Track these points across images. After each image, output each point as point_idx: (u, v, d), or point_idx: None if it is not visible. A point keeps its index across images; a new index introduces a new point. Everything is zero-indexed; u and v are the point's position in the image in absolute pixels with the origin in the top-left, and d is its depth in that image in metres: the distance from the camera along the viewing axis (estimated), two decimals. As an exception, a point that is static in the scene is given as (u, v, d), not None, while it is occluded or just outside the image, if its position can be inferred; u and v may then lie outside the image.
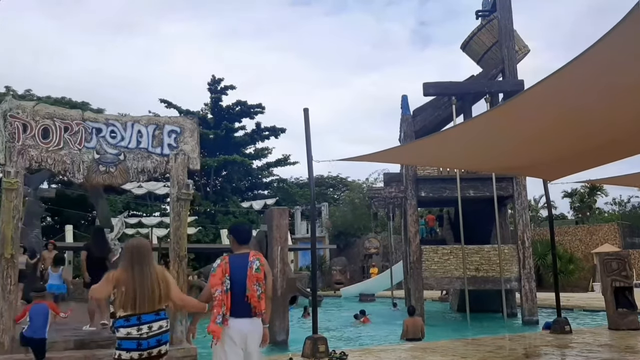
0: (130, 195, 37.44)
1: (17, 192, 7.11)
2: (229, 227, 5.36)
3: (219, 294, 4.29)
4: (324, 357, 8.11)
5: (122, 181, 7.75)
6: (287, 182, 50.34)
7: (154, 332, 3.91)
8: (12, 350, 6.62)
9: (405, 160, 12.84)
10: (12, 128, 7.16)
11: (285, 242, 11.34)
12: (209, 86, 46.76)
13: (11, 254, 6.88)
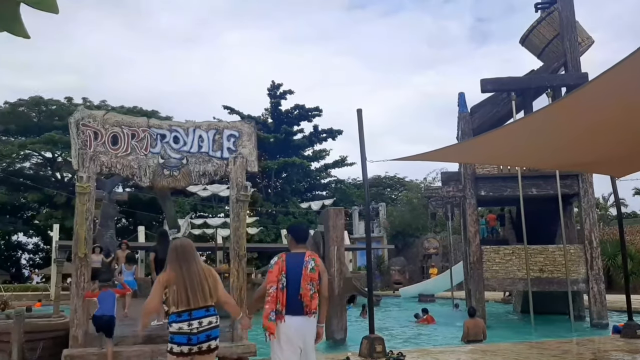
0: (196, 198, 38.77)
1: (90, 196, 7.53)
2: (288, 226, 5.53)
3: (273, 291, 4.41)
4: (381, 357, 8.12)
5: (185, 184, 8.07)
6: (344, 182, 50.72)
7: (204, 327, 4.04)
8: (86, 343, 7.01)
9: (462, 159, 12.64)
10: (84, 136, 7.59)
11: (341, 242, 11.43)
12: (268, 92, 47.99)
13: (84, 253, 7.30)
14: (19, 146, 43.72)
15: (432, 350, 9.58)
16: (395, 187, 55.53)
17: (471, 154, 9.75)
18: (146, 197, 38.25)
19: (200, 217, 37.24)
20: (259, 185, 45.50)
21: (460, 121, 16.39)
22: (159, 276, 4.35)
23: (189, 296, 4.03)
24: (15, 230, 43.89)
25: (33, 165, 47.82)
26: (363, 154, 8.89)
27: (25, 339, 8.28)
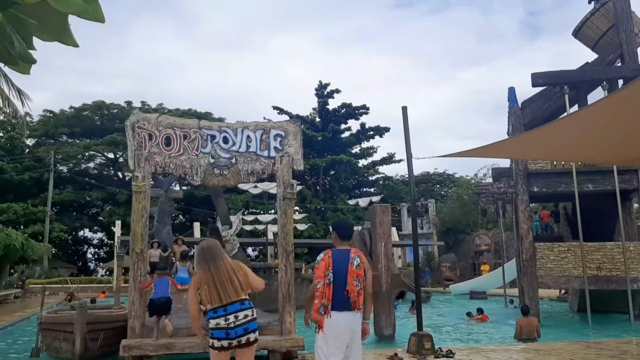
0: (248, 195, 39.63)
1: (145, 194, 7.91)
2: (332, 223, 5.62)
3: (321, 286, 4.48)
4: (429, 355, 8.09)
5: (235, 183, 8.35)
6: (392, 179, 50.56)
7: (241, 321, 4.10)
8: (143, 334, 7.40)
9: (513, 155, 12.36)
10: (139, 138, 7.99)
11: (388, 238, 11.46)
12: (316, 91, 48.41)
13: (141, 249, 7.69)
14: (83, 148, 45.97)
15: (483, 349, 9.45)
16: (445, 183, 54.81)
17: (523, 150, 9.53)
18: (201, 194, 39.40)
19: (252, 213, 38.02)
20: (308, 182, 45.95)
21: (510, 116, 16.02)
22: (191, 281, 4.51)
23: (219, 293, 4.12)
24: (81, 226, 46.05)
25: (97, 166, 50.19)
26: (409, 151, 8.90)
27: (88, 329, 8.78)
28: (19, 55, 2.81)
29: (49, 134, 47.77)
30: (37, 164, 42.72)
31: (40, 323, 9.60)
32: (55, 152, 42.52)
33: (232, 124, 8.51)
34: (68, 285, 25.75)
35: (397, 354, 8.16)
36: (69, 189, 44.31)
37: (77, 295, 20.51)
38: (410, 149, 8.85)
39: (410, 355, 8.21)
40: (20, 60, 2.90)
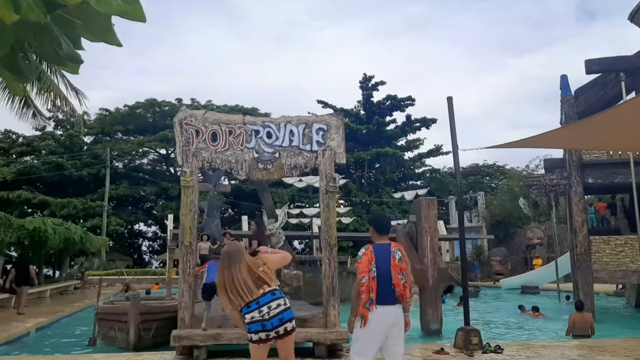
0: (294, 189, 39.97)
1: (193, 189, 8.11)
2: (369, 218, 5.61)
3: (366, 281, 4.47)
4: (477, 350, 7.96)
5: (278, 177, 8.45)
6: (439, 172, 49.78)
7: (275, 311, 4.14)
8: (192, 325, 7.58)
9: (566, 145, 11.97)
10: (187, 134, 8.19)
11: (434, 232, 11.30)
12: (360, 84, 48.15)
13: (190, 242, 7.89)
14: (137, 144, 47.53)
15: (534, 344, 9.19)
16: (494, 175, 53.38)
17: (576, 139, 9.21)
18: (248, 188, 40.04)
19: (297, 207, 38.31)
20: (353, 176, 45.85)
21: (563, 105, 15.45)
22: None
23: (241, 291, 4.18)
24: (136, 220, 47.66)
25: (150, 161, 51.78)
26: (454, 143, 8.75)
27: (141, 319, 9.12)
28: (67, 55, 2.93)
29: (105, 132, 49.54)
30: (95, 161, 44.43)
31: (97, 313, 10.05)
32: (111, 148, 44.13)
33: (276, 119, 8.59)
34: (124, 276, 26.69)
35: (443, 348, 8.06)
36: (125, 184, 45.88)
37: (133, 287, 21.24)
38: (456, 141, 8.69)
39: (457, 350, 8.09)
40: (69, 61, 3.01)
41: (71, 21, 2.82)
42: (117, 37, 2.94)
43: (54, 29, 2.78)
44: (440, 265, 11.40)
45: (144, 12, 2.78)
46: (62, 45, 2.82)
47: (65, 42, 2.85)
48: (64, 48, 2.83)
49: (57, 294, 20.34)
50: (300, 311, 8.49)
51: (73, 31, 2.89)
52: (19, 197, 39.74)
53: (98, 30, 2.93)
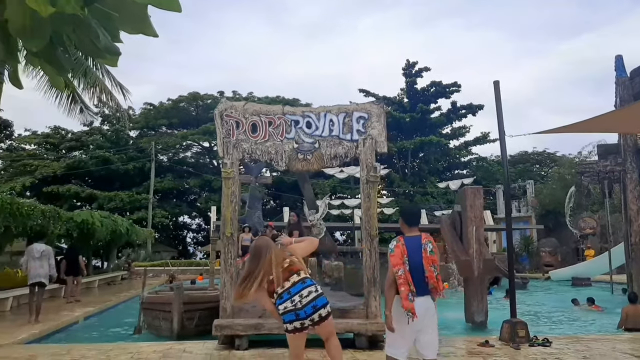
0: (335, 179, 39.90)
1: (234, 180, 8.15)
2: (399, 209, 5.54)
3: (402, 273, 4.43)
4: (523, 343, 7.76)
5: (318, 167, 8.37)
6: (486, 160, 48.53)
7: (307, 299, 4.17)
8: (234, 315, 7.65)
9: (621, 129, 11.40)
10: (227, 125, 8.22)
11: (480, 222, 11.01)
12: (403, 71, 47.30)
13: (231, 233, 7.94)
14: (181, 137, 48.40)
15: (584, 338, 8.85)
16: (545, 163, 51.63)
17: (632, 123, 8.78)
18: (290, 180, 40.22)
19: (339, 198, 38.25)
20: (396, 165, 45.33)
21: (618, 87, 14.73)
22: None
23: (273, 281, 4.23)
24: (180, 212, 48.64)
25: (193, 154, 52.69)
26: (501, 129, 8.47)
27: (185, 309, 9.29)
28: (105, 48, 2.91)
29: (150, 126, 50.59)
30: (140, 154, 45.49)
31: (142, 303, 10.30)
32: (155, 142, 45.08)
33: (315, 109, 8.51)
34: (169, 267, 27.32)
35: (488, 341, 7.88)
36: (169, 177, 46.80)
37: (178, 277, 21.71)
38: (502, 126, 8.40)
39: (503, 343, 7.90)
40: (107, 53, 3.00)
41: (108, 13, 2.80)
42: (153, 28, 2.92)
43: (91, 21, 2.76)
44: (486, 256, 11.12)
45: (179, 1, 2.74)
46: (100, 38, 2.80)
47: (103, 34, 2.83)
48: (101, 40, 2.82)
49: (105, 284, 20.98)
50: (341, 302, 8.46)
51: (110, 23, 2.87)
52: (68, 190, 41.09)
53: (134, 21, 2.91)
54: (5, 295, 12.51)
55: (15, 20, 2.47)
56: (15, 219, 11.58)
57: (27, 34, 2.48)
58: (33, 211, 12.44)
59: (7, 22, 2.51)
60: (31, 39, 2.47)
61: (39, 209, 12.94)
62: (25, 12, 2.42)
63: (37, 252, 10.84)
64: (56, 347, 8.21)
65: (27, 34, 2.48)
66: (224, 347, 7.53)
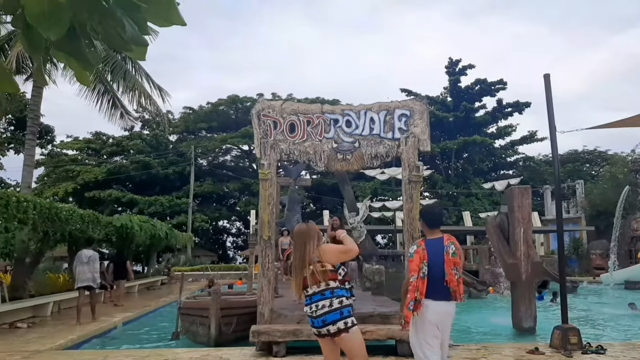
0: (377, 182, 39.50)
1: (271, 182, 7.96)
2: (420, 210, 5.28)
3: (414, 280, 4.36)
4: (576, 350, 7.36)
5: (358, 167, 8.09)
6: (534, 160, 47.09)
7: (319, 312, 4.05)
8: (272, 320, 7.45)
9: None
10: (265, 126, 8.05)
11: (528, 223, 10.49)
12: (446, 69, 46.52)
13: (268, 236, 7.75)
14: (220, 141, 48.82)
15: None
16: (595, 162, 49.43)
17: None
18: (330, 182, 40.04)
19: (380, 200, 37.81)
20: (439, 166, 44.54)
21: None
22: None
23: (300, 279, 4.16)
24: (220, 216, 49.03)
25: (233, 158, 53.09)
26: (552, 123, 8.01)
27: (222, 314, 9.14)
28: (132, 39, 2.72)
29: (190, 130, 51.24)
30: (180, 159, 46.09)
31: (180, 308, 10.19)
32: (195, 146, 45.58)
33: (355, 106, 8.23)
34: (209, 272, 27.44)
35: (538, 348, 7.47)
36: (209, 181, 47.25)
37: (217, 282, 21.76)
38: (553, 121, 7.94)
39: (554, 350, 7.48)
40: (134, 45, 2.80)
41: (136, 4, 2.61)
42: (181, 16, 2.71)
43: (117, 10, 2.56)
44: (534, 259, 10.60)
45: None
46: (126, 28, 2.60)
47: (130, 24, 2.63)
48: (127, 31, 2.63)
49: (145, 289, 21.13)
50: (382, 307, 8.17)
51: (137, 14, 2.67)
52: (109, 195, 41.84)
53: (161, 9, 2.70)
54: (46, 301, 12.62)
55: (33, 6, 2.29)
56: (54, 224, 11.66)
57: (45, 21, 2.31)
58: (72, 216, 12.52)
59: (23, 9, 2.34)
60: (49, 27, 2.30)
61: (77, 214, 13.02)
62: (43, -1, 2.23)
63: (85, 257, 11.49)
64: (92, 352, 8.24)
65: (45, 21, 2.31)
66: (262, 353, 7.33)
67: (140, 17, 2.80)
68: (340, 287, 4.14)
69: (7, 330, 10.34)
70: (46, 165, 44.92)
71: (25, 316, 11.85)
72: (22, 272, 12.67)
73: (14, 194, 9.88)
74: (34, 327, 10.79)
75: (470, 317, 13.27)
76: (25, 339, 9.15)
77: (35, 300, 12.33)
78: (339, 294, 4.09)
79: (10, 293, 11.75)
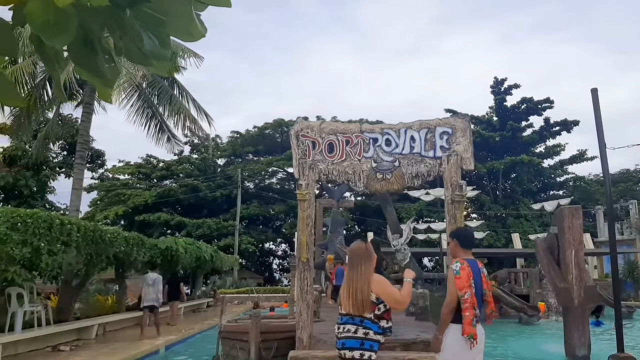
0: (422, 203, 38.85)
1: (309, 202, 7.77)
2: (451, 231, 5.11)
3: (469, 297, 4.21)
4: None
5: (399, 187, 7.81)
6: (584, 179, 45.36)
7: (342, 334, 4.04)
8: (310, 346, 7.19)
9: None
10: (303, 146, 7.93)
11: (579, 245, 9.90)
12: (491, 89, 45.90)
13: (307, 258, 7.54)
14: (266, 164, 49.41)
15: None
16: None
17: None
18: (374, 204, 39.65)
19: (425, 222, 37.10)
20: (486, 187, 43.50)
21: None
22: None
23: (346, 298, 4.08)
24: (266, 238, 49.33)
25: (278, 180, 53.53)
26: (601, 140, 7.59)
27: (262, 338, 8.92)
28: (151, 54, 2.61)
29: (237, 153, 52.06)
30: (227, 182, 46.79)
31: (220, 332, 10.00)
32: (242, 169, 46.23)
33: (395, 125, 7.99)
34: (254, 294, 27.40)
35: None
36: (255, 204, 47.68)
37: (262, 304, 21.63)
38: (603, 137, 7.52)
39: (609, 380, 6.95)
40: (154, 59, 2.70)
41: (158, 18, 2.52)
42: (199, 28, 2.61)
43: (135, 23, 2.47)
44: (587, 283, 9.97)
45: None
46: (145, 42, 2.50)
47: (149, 37, 2.53)
48: (146, 45, 2.52)
49: (191, 311, 21.19)
50: (426, 333, 7.79)
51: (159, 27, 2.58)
52: (158, 218, 42.77)
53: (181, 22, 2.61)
54: (91, 323, 12.67)
55: (36, 15, 2.20)
56: (98, 246, 11.77)
57: (49, 30, 2.22)
58: (116, 238, 12.64)
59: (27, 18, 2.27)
60: (54, 36, 2.21)
61: (122, 236, 13.15)
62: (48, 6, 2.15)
63: (151, 279, 12.81)
64: None
65: (50, 30, 2.22)
66: (302, 380, 7.07)
67: (162, 31, 2.72)
68: (373, 321, 4.02)
69: (50, 353, 10.33)
70: (99, 190, 46.42)
71: (70, 339, 11.86)
72: (68, 295, 12.85)
73: (57, 216, 9.99)
74: (77, 349, 10.75)
75: (520, 344, 12.62)
76: (65, 363, 9.03)
77: (79, 322, 12.41)
78: (367, 325, 4.01)
79: (56, 315, 11.90)
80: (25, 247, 8.78)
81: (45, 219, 9.27)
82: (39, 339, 10.58)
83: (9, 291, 9.89)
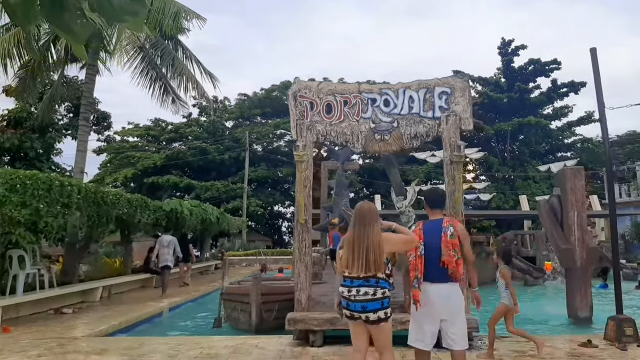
0: (430, 165, 38.68)
1: (307, 164, 7.76)
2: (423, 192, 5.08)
3: (412, 259, 4.38)
4: (631, 342, 6.85)
5: (397, 148, 7.74)
6: (592, 141, 44.87)
7: (359, 297, 3.96)
8: (309, 308, 7.26)
9: None
10: (301, 107, 7.86)
11: (582, 206, 9.83)
12: (499, 50, 45.28)
13: (304, 220, 7.54)
14: (274, 126, 49.11)
15: None
16: (657, 142, 46.85)
17: None
18: (382, 166, 39.49)
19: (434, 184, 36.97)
20: (494, 149, 43.19)
21: None
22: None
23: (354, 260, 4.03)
24: (275, 201, 49.40)
25: (286, 143, 53.27)
26: (600, 100, 7.44)
27: (263, 300, 8.93)
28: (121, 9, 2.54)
29: (244, 116, 51.69)
30: (235, 144, 46.68)
31: (222, 294, 10.01)
32: (249, 132, 46.04)
33: (393, 85, 7.86)
34: (262, 257, 27.60)
35: (590, 340, 6.95)
36: (263, 166, 47.63)
37: (270, 267, 21.80)
38: (602, 98, 7.35)
39: (608, 343, 7.00)
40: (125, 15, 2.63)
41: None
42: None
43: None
44: (590, 245, 9.94)
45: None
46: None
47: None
48: (114, 0, 2.46)
49: (198, 273, 21.23)
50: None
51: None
52: (167, 181, 42.84)
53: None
54: (95, 286, 12.65)
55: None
56: (100, 208, 11.65)
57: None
58: (119, 200, 12.50)
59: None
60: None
61: (124, 198, 13.02)
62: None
63: (166, 241, 13.83)
64: (130, 339, 8.06)
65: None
66: (299, 342, 7.16)
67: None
68: (385, 279, 4.04)
69: (52, 316, 10.30)
70: (108, 152, 46.57)
71: (74, 301, 11.80)
72: (72, 257, 12.84)
73: (57, 177, 9.91)
74: (80, 312, 10.71)
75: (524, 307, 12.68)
76: (67, 325, 9.03)
77: (83, 285, 12.32)
78: (383, 284, 4.01)
79: (60, 278, 11.88)
80: (25, 208, 8.76)
81: (44, 180, 9.20)
82: (41, 301, 10.53)
83: (10, 253, 9.87)
